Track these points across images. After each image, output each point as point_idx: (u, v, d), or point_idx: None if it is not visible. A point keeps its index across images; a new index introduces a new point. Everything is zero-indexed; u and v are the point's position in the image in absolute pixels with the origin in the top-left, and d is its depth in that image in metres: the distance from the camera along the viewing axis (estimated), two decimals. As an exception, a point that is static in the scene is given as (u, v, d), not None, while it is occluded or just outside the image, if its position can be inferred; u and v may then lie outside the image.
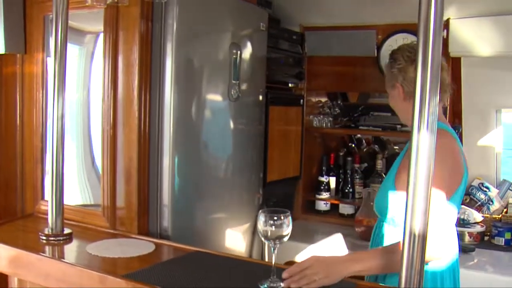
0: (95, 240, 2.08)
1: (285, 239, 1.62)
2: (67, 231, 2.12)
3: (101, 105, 2.25)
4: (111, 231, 2.25)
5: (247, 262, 1.99)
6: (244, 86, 2.60)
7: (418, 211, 1.38)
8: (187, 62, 2.30)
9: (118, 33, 2.20)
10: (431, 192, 1.39)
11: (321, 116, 3.49)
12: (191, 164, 2.38)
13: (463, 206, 3.14)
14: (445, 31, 2.97)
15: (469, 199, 3.21)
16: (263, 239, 1.64)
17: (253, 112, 2.75)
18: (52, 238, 2.08)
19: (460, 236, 3.02)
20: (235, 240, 2.67)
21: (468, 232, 3.00)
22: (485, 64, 3.03)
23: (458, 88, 3.11)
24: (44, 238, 2.07)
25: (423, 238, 1.39)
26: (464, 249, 2.83)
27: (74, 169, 2.56)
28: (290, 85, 3.29)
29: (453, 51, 2.96)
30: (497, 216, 3.15)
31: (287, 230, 1.61)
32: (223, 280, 1.71)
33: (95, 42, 2.62)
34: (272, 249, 1.63)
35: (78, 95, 2.56)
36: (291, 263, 1.87)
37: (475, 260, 2.77)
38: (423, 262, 1.40)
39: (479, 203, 3.19)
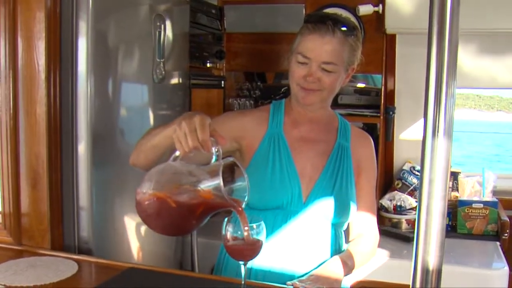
0: (-3, 262, 1.65)
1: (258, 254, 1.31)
2: (-43, 251, 1.67)
3: (-3, 90, 1.80)
4: (16, 247, 1.81)
5: (197, 278, 1.64)
6: (168, 66, 2.23)
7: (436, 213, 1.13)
8: (105, 38, 1.90)
9: (16, 0, 1.75)
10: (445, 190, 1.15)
11: (242, 99, 3.19)
12: (109, 157, 2.00)
13: (396, 191, 2.99)
14: (381, 5, 2.76)
15: (401, 184, 3.06)
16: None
17: (176, 96, 2.39)
18: None
19: (398, 224, 2.87)
20: (160, 245, 2.31)
21: (405, 220, 2.84)
22: (420, 42, 2.85)
23: (392, 68, 2.93)
24: None
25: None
26: (407, 238, 2.66)
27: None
28: (208, 65, 2.94)
29: (389, 28, 2.76)
30: (429, 200, 3.02)
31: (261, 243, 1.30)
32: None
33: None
34: (242, 265, 1.31)
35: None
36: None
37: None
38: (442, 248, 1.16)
39: (412, 187, 3.04)
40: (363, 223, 1.76)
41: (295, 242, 1.65)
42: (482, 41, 2.81)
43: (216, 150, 1.28)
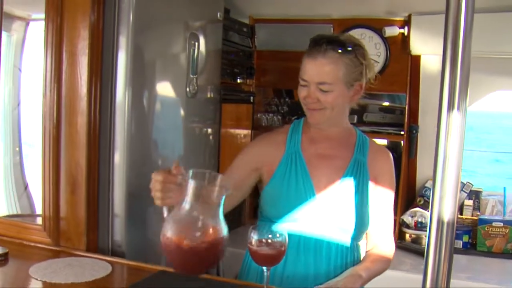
0: (37, 261, 1.76)
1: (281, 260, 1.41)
2: (2, 250, 1.79)
3: (42, 101, 1.93)
4: (55, 248, 1.93)
5: (224, 283, 1.74)
6: (201, 81, 2.35)
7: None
8: (143, 54, 2.03)
9: (63, 18, 1.89)
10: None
11: (270, 115, 3.29)
12: (143, 167, 2.10)
13: (418, 208, 3.06)
14: (406, 27, 2.85)
15: (423, 200, 3.12)
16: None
17: (208, 110, 2.51)
18: (-17, 260, 1.75)
19: (418, 240, 2.94)
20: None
21: (425, 236, 2.89)
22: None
23: (416, 88, 3.00)
24: (-26, 260, 1.74)
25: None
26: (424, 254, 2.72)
27: (0, 173, 2.23)
28: (239, 80, 3.06)
29: (414, 49, 2.84)
30: (451, 218, 3.08)
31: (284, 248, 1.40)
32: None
33: (25, 30, 2.31)
34: (265, 271, 1.41)
35: (6, 90, 2.22)
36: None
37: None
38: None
39: (433, 205, 3.10)
40: (379, 235, 1.84)
41: (311, 253, 1.74)
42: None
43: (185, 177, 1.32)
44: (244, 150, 1.91)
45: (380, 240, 1.84)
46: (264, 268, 1.40)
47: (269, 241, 1.37)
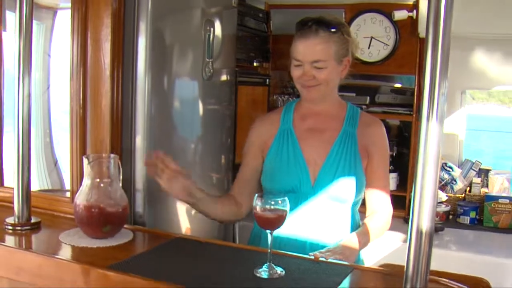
0: (66, 229, 1.94)
1: (283, 224, 1.56)
2: (35, 219, 1.97)
3: (69, 84, 2.10)
4: (82, 218, 2.10)
5: (233, 248, 1.90)
6: (217, 65, 2.50)
7: (426, 207, 1.34)
8: (161, 39, 2.18)
9: (88, 7, 2.04)
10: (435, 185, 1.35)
11: (285, 96, 3.43)
12: (163, 146, 2.26)
13: (428, 185, 3.16)
14: (415, 11, 2.95)
15: (433, 179, 3.23)
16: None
17: (224, 92, 2.66)
18: (19, 228, 1.93)
19: (427, 215, 3.05)
20: (206, 223, 2.57)
21: (435, 212, 3.02)
22: (453, 45, 3.01)
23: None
24: (10, 228, 1.92)
25: (430, 236, 1.34)
26: (435, 229, 2.85)
27: (32, 152, 2.42)
28: (255, 64, 3.21)
29: (423, 32, 2.93)
30: (460, 195, 3.20)
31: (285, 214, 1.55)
32: (217, 268, 1.61)
33: (53, 19, 2.48)
34: (268, 234, 1.56)
35: (37, 75, 2.40)
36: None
37: (444, 239, 2.82)
38: (429, 260, 1.35)
39: (443, 182, 3.22)
40: (377, 201, 1.99)
41: (307, 221, 1.92)
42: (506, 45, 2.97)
43: None
44: (248, 135, 2.10)
45: (378, 205, 1.99)
46: (268, 231, 1.55)
47: (272, 207, 1.52)
